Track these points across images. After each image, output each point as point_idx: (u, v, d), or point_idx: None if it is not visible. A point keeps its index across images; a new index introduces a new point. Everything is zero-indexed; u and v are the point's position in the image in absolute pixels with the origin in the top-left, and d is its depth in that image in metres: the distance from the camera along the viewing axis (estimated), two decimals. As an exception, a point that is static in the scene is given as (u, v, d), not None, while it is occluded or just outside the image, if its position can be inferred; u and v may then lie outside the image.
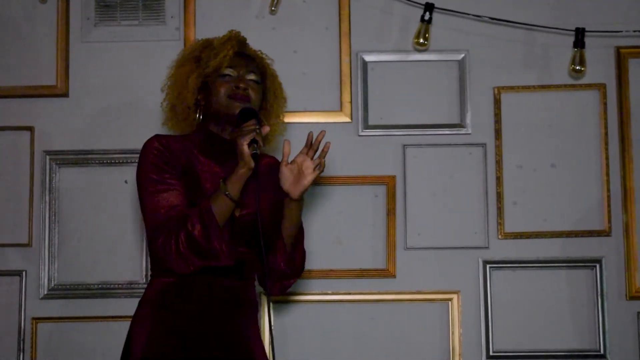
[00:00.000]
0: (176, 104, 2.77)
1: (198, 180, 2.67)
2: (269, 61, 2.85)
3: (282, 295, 2.84)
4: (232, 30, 2.83)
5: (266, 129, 2.61)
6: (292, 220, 2.68)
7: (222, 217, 2.56)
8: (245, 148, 2.53)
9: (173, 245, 2.55)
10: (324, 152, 2.61)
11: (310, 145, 2.62)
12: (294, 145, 2.61)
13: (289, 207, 2.67)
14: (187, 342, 2.59)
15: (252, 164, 2.55)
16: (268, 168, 2.80)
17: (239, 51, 2.77)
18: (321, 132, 2.61)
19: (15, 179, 3.85)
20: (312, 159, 2.61)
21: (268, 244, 2.67)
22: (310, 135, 2.63)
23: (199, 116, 2.76)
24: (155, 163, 2.64)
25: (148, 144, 2.67)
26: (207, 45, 2.79)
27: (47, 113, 3.87)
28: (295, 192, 2.62)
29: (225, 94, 2.69)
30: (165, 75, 2.81)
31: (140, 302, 2.68)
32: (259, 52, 2.85)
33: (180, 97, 2.75)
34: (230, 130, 2.70)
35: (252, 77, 2.74)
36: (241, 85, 2.70)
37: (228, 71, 2.72)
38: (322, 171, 2.62)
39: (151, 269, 2.73)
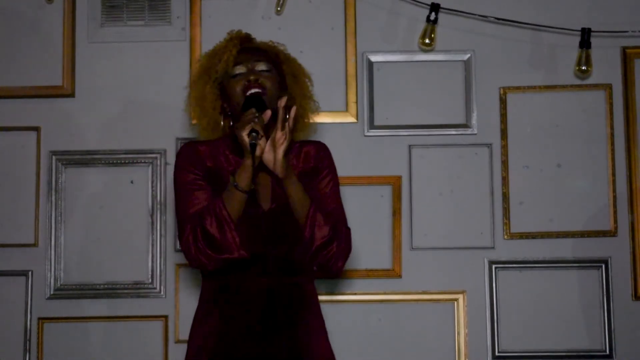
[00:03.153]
0: (204, 119, 2.83)
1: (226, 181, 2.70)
2: (281, 47, 2.86)
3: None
4: (232, 30, 2.87)
5: (267, 114, 2.61)
6: (291, 197, 2.66)
7: (234, 209, 2.60)
8: (245, 139, 2.56)
9: (192, 242, 2.62)
10: (290, 118, 2.60)
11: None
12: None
13: (285, 187, 2.67)
14: (242, 341, 2.64)
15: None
16: (302, 155, 2.80)
17: (245, 47, 2.79)
18: (282, 98, 2.61)
19: (21, 179, 3.86)
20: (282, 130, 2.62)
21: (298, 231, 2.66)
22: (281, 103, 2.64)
23: (230, 122, 2.79)
24: (184, 166, 2.74)
25: (180, 149, 2.81)
26: (212, 54, 2.83)
27: (54, 113, 3.87)
28: (276, 171, 2.63)
29: (240, 92, 2.72)
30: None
31: (197, 304, 2.77)
32: (267, 42, 2.86)
33: (204, 111, 2.81)
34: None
35: (261, 67, 2.75)
36: (252, 77, 2.72)
37: (238, 70, 2.75)
38: (289, 140, 2.59)
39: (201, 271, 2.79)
